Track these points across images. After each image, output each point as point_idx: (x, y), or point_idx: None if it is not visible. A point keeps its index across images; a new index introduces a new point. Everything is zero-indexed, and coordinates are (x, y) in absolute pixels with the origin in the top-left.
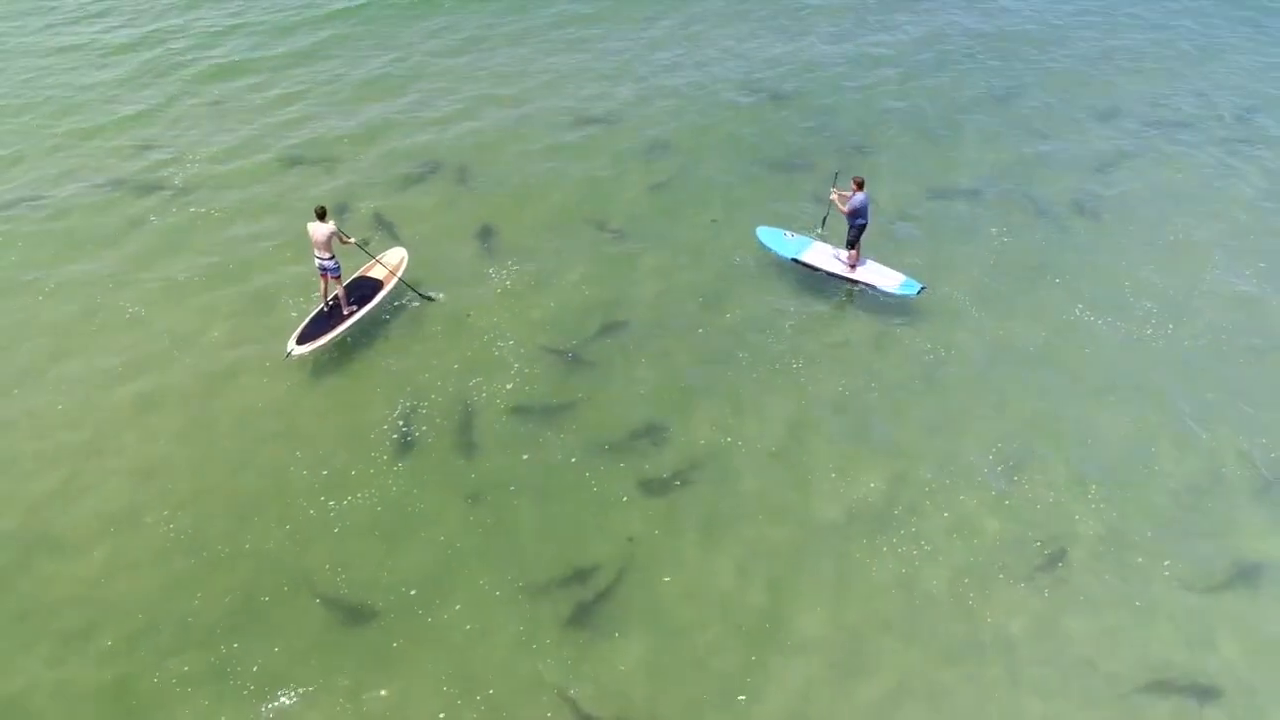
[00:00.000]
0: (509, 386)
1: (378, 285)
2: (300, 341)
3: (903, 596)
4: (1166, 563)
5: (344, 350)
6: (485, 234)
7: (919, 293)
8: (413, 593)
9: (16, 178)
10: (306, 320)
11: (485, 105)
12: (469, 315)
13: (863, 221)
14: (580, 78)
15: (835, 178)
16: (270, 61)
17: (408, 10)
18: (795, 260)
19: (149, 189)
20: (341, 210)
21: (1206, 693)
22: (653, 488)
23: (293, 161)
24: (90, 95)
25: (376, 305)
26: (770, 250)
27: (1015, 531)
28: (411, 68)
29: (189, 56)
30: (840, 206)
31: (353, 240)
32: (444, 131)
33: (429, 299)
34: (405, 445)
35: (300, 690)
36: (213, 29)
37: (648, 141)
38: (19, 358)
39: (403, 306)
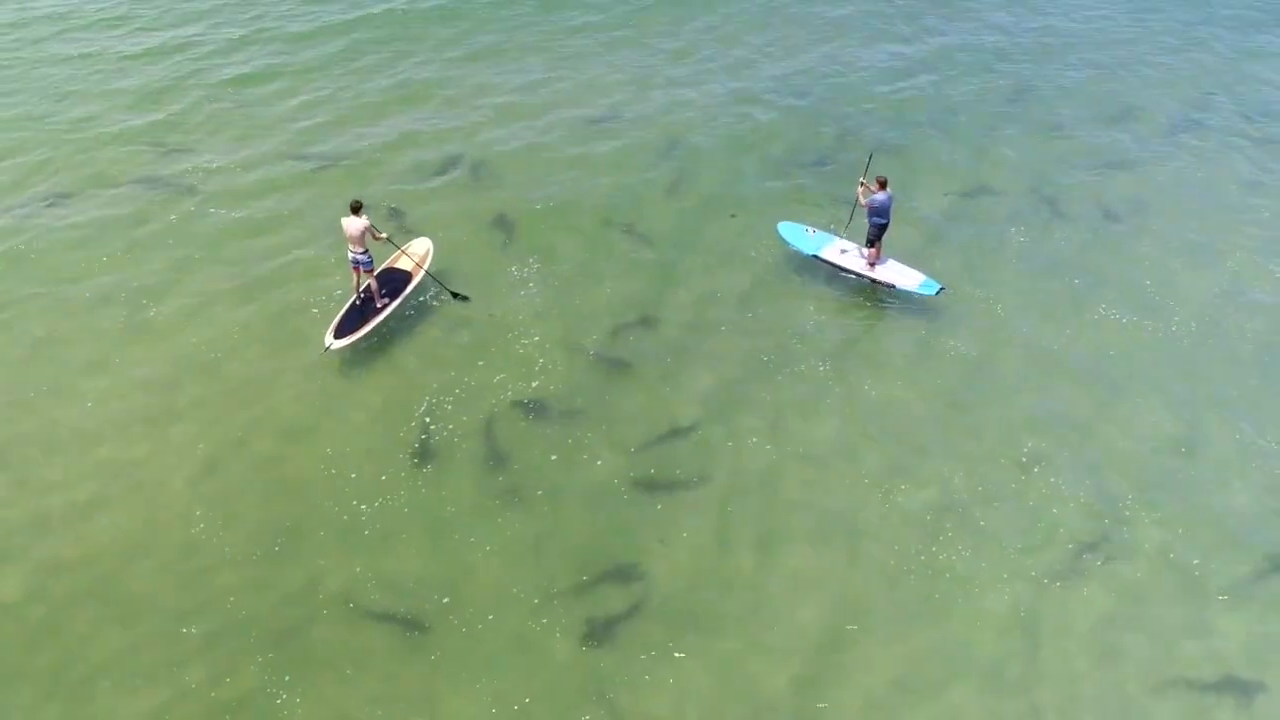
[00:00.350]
0: (534, 384)
1: (407, 276)
2: (337, 335)
3: (948, 604)
4: (1197, 560)
5: (370, 349)
6: (509, 235)
7: (938, 293)
8: (445, 600)
9: (42, 183)
10: (340, 314)
11: (509, 108)
12: (492, 315)
13: (882, 221)
14: (605, 80)
15: (869, 160)
16: (293, 68)
17: (430, 15)
18: (816, 257)
19: (172, 194)
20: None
21: (1252, 691)
22: (683, 490)
23: (316, 167)
24: (112, 102)
25: (407, 296)
26: (791, 246)
27: (1055, 536)
28: (435, 73)
29: (211, 63)
30: (862, 199)
31: (384, 235)
32: (467, 135)
33: (457, 297)
34: (432, 446)
35: (338, 704)
36: (233, 36)
37: (672, 142)
38: (48, 362)
39: (428, 304)
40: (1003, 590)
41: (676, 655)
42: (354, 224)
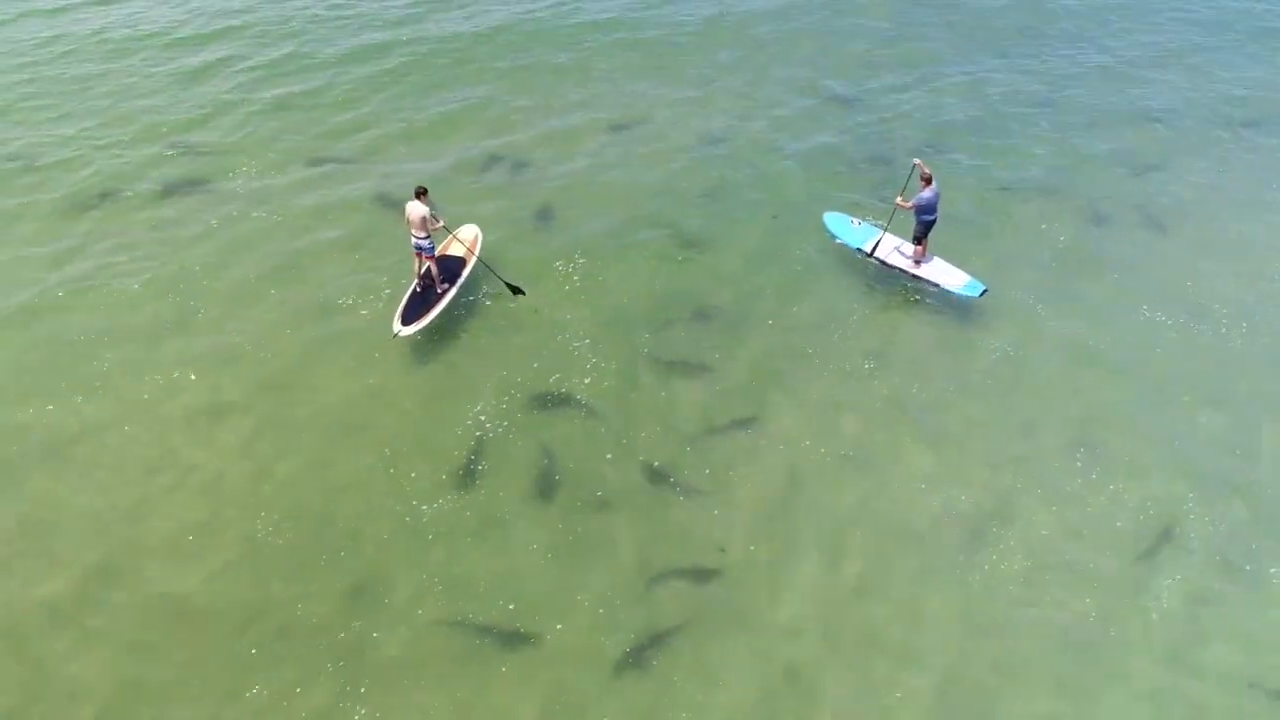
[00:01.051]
0: (587, 382)
1: (461, 263)
2: (404, 322)
3: (1013, 615)
4: (1274, 570)
5: (423, 348)
6: (553, 235)
7: (982, 294)
8: (511, 607)
9: (81, 183)
10: (404, 301)
11: (549, 115)
12: (537, 311)
13: (930, 218)
14: (649, 90)
15: (909, 174)
16: (336, 85)
17: (476, 35)
18: (860, 250)
19: (210, 197)
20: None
21: None
22: (738, 494)
23: (354, 170)
24: (155, 116)
25: (464, 282)
26: (835, 238)
27: (1120, 542)
28: (476, 84)
29: (252, 76)
30: (904, 204)
31: (442, 223)
32: (508, 141)
33: (514, 290)
34: (488, 446)
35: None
36: (276, 54)
37: (712, 141)
38: (96, 366)
39: (478, 303)
40: (1069, 598)
41: (743, 663)
42: (416, 209)
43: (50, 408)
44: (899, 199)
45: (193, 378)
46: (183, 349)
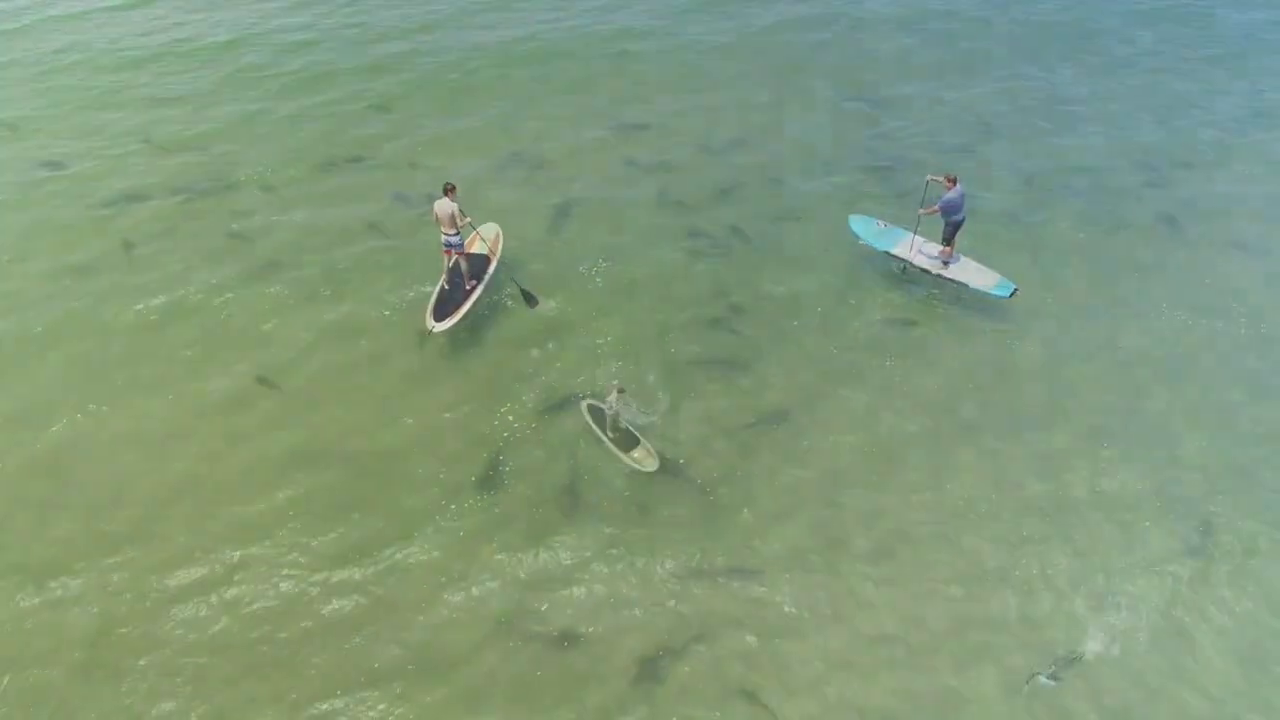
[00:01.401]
0: (613, 383)
1: (485, 260)
2: (436, 319)
3: (1051, 618)
4: None
5: (443, 349)
6: (575, 237)
7: (1012, 294)
8: (544, 608)
9: (102, 192)
10: (433, 299)
11: (569, 117)
12: (561, 312)
13: (957, 218)
14: (674, 93)
15: (926, 187)
16: (361, 91)
17: (501, 38)
18: (887, 253)
19: (233, 205)
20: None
21: None
22: (766, 494)
23: (377, 178)
24: (170, 122)
25: (490, 279)
26: (862, 240)
27: (1148, 539)
28: (506, 87)
29: (275, 85)
30: (928, 210)
31: (468, 220)
32: (528, 141)
33: (528, 297)
34: (514, 447)
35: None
36: (292, 65)
37: (738, 145)
38: (120, 367)
39: (501, 303)
40: (1110, 600)
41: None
42: (445, 206)
43: (80, 416)
44: (921, 209)
45: (220, 387)
46: (209, 358)
